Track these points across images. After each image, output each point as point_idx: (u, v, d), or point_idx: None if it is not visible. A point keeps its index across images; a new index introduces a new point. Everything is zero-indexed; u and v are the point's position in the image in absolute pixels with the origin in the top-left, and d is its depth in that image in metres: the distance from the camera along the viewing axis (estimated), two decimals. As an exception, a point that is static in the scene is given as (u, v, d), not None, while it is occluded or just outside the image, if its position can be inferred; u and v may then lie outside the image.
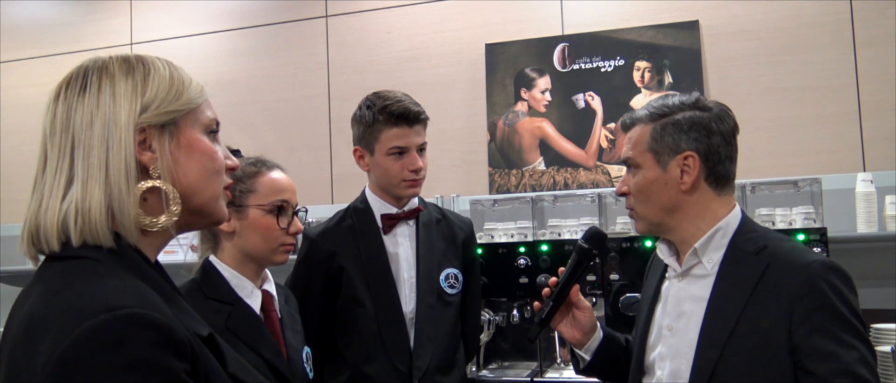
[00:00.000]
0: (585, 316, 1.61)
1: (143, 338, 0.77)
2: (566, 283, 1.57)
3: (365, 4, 3.48)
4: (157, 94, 0.92)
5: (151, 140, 0.91)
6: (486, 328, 2.62)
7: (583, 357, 1.64)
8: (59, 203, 0.86)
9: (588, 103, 3.14)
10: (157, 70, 0.94)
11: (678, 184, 1.44)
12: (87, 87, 0.90)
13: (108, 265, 0.85)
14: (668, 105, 1.48)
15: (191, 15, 3.74)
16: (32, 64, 3.93)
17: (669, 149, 1.45)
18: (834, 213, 2.65)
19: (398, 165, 1.94)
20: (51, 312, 0.80)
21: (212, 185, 0.96)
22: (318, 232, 2.04)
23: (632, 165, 1.51)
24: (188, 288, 1.60)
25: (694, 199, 1.45)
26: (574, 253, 1.59)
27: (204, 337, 0.88)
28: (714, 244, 1.45)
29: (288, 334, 1.66)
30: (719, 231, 1.45)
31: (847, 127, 2.84)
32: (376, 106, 1.93)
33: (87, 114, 0.88)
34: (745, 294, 1.38)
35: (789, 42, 2.93)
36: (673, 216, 1.47)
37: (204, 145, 0.95)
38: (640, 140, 1.49)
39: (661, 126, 1.46)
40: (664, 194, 1.46)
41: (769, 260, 1.39)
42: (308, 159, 3.49)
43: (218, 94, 3.58)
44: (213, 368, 0.87)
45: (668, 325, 1.49)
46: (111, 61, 0.93)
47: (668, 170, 1.45)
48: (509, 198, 3.04)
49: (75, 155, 0.87)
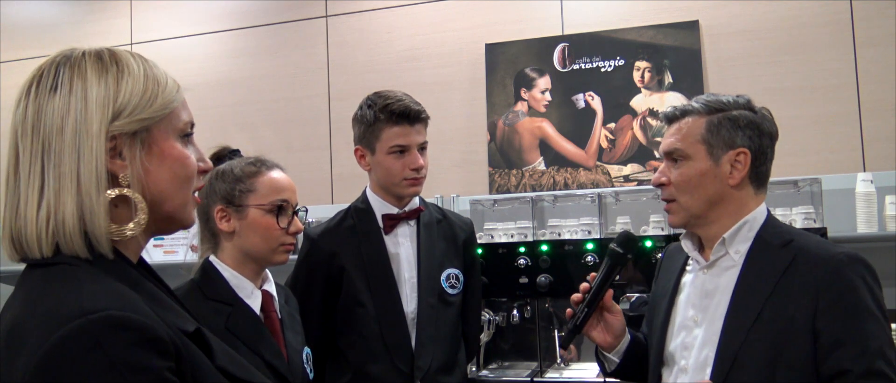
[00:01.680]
0: (617, 320, 1.61)
1: (120, 339, 0.76)
2: (599, 288, 1.56)
3: (365, 4, 3.48)
4: (130, 98, 0.88)
5: (122, 147, 0.88)
6: (486, 328, 2.62)
7: (612, 360, 1.64)
8: (35, 212, 0.85)
9: (588, 103, 3.14)
10: (131, 71, 0.90)
11: (726, 178, 1.47)
12: (58, 86, 0.88)
13: (87, 269, 0.85)
14: (722, 101, 1.51)
15: (191, 15, 3.74)
16: (32, 64, 3.84)
17: (724, 143, 1.47)
18: (834, 213, 2.65)
19: (400, 164, 1.94)
20: (30, 320, 0.80)
21: (181, 192, 0.94)
22: (319, 232, 2.04)
23: (679, 156, 1.51)
24: (188, 289, 1.60)
25: (736, 195, 1.49)
26: (607, 258, 1.58)
27: (190, 333, 0.87)
28: (741, 236, 1.48)
29: (288, 335, 1.65)
30: (747, 223, 1.48)
31: (847, 127, 2.84)
32: (377, 105, 1.94)
33: (57, 118, 0.86)
34: (770, 283, 1.41)
35: (789, 42, 2.92)
36: (714, 209, 1.49)
37: (176, 152, 0.93)
38: (693, 131, 1.50)
39: (717, 120, 1.49)
40: (711, 187, 1.48)
41: (796, 252, 1.42)
42: (308, 159, 3.49)
43: (218, 94, 3.58)
44: (200, 364, 0.86)
45: (692, 316, 1.51)
46: (84, 58, 0.90)
47: (719, 163, 1.47)
48: (509, 198, 3.04)
49: (46, 160, 0.85)
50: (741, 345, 1.39)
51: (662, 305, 1.61)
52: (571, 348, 2.74)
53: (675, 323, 1.56)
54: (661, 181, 1.54)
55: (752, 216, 1.49)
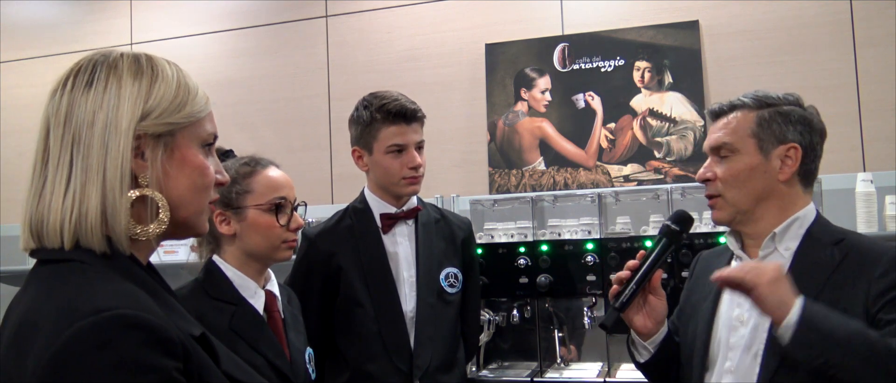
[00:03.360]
0: (662, 305, 1.52)
1: (131, 339, 0.77)
2: (652, 267, 1.48)
3: (365, 4, 3.48)
4: (160, 102, 0.91)
5: (145, 148, 0.90)
6: (486, 328, 2.62)
7: (647, 349, 1.55)
8: (61, 202, 0.86)
9: (588, 103, 3.14)
10: (165, 76, 0.93)
11: (776, 173, 1.45)
12: (94, 82, 0.89)
13: (98, 268, 0.86)
14: (771, 96, 1.49)
15: (191, 15, 3.74)
16: (32, 64, 3.93)
17: (775, 137, 1.45)
18: (834, 213, 2.62)
19: (397, 163, 1.95)
20: (40, 316, 0.80)
21: (198, 200, 0.96)
22: (317, 232, 2.04)
23: (727, 151, 1.48)
24: (191, 288, 1.60)
25: (785, 191, 1.46)
26: (661, 235, 1.51)
27: (196, 337, 0.88)
28: (791, 233, 1.46)
29: (291, 335, 1.65)
30: (797, 220, 1.46)
31: (847, 127, 2.84)
32: (373, 105, 1.95)
33: (89, 112, 0.88)
34: (821, 279, 1.38)
35: (789, 42, 2.93)
36: (762, 205, 1.46)
37: (197, 161, 0.95)
38: (743, 125, 1.47)
39: (768, 114, 1.47)
40: (761, 181, 1.45)
41: (848, 250, 1.40)
42: (308, 159, 3.49)
43: (218, 94, 3.57)
44: (207, 367, 0.87)
45: (737, 316, 1.47)
46: (121, 59, 0.92)
47: (769, 158, 1.45)
48: (509, 198, 3.04)
49: (74, 152, 0.87)
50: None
51: (704, 307, 1.54)
52: (572, 347, 2.74)
53: (718, 323, 1.50)
54: (707, 176, 1.50)
55: (802, 213, 1.46)
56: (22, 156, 3.81)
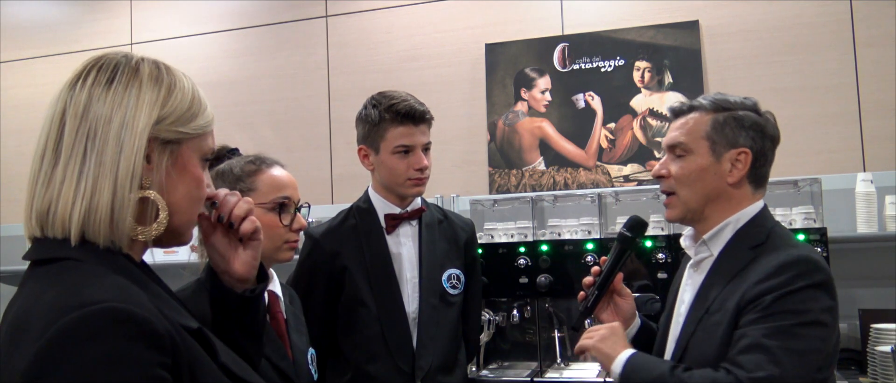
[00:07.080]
0: (627, 304, 1.69)
1: (118, 332, 0.78)
2: (610, 272, 1.65)
3: (365, 4, 3.48)
4: (175, 110, 0.94)
5: (152, 152, 0.93)
6: (486, 328, 2.62)
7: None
8: (72, 192, 0.88)
9: (588, 103, 3.14)
10: (182, 86, 0.97)
11: (726, 175, 1.50)
12: (114, 81, 0.92)
13: (92, 265, 0.87)
14: (729, 100, 1.54)
15: (191, 15, 3.74)
16: (32, 64, 3.93)
17: (727, 141, 1.50)
18: (834, 213, 2.65)
19: (404, 164, 1.95)
20: (32, 313, 0.81)
21: (191, 209, 0.99)
22: (322, 231, 2.03)
23: (682, 150, 1.54)
24: (194, 288, 1.59)
25: (734, 193, 1.52)
26: (617, 241, 1.66)
27: (193, 331, 0.89)
28: (722, 236, 1.52)
29: (293, 335, 1.64)
30: (729, 224, 1.52)
31: (847, 127, 2.84)
32: (382, 105, 1.94)
33: (108, 109, 0.90)
34: (726, 280, 1.46)
35: (789, 42, 2.93)
36: (710, 205, 1.53)
37: (196, 172, 0.98)
38: (698, 127, 1.53)
39: (723, 118, 1.52)
40: (710, 183, 1.51)
41: (759, 254, 1.46)
42: (308, 159, 3.49)
43: (218, 93, 3.57)
44: (200, 360, 0.88)
45: (679, 311, 1.58)
46: (143, 62, 0.95)
47: (720, 160, 1.50)
48: (509, 198, 3.04)
49: (89, 145, 0.89)
50: (691, 336, 1.47)
51: (670, 300, 1.68)
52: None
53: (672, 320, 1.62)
54: (661, 173, 1.57)
55: (736, 216, 1.51)
56: (23, 156, 3.81)
